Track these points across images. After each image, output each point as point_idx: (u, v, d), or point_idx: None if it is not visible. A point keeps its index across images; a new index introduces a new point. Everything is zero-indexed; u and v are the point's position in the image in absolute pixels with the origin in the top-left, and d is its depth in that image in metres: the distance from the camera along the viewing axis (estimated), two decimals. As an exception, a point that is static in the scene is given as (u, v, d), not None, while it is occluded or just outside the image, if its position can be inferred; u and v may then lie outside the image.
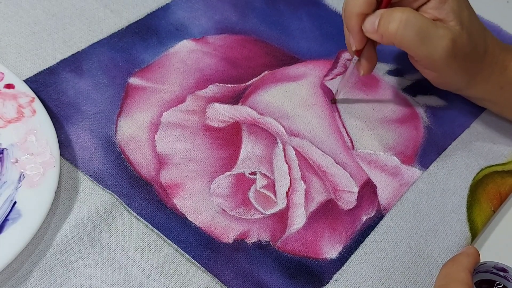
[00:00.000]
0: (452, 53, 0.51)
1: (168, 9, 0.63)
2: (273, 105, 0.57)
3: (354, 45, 0.53)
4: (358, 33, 0.52)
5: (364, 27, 0.51)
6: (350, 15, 0.51)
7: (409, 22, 0.49)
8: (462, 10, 0.52)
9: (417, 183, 0.54)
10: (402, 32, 0.49)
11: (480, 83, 0.55)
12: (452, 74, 0.53)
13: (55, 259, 0.45)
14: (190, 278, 0.46)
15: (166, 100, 0.56)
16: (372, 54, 0.54)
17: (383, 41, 0.51)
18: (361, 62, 0.54)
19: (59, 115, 0.53)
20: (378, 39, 0.51)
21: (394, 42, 0.50)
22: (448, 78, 0.54)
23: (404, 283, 0.48)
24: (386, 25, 0.50)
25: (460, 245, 0.51)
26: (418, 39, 0.50)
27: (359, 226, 0.51)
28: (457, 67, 0.52)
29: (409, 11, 0.49)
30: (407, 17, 0.49)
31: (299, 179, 0.52)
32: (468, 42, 0.51)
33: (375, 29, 0.50)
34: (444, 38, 0.50)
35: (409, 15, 0.49)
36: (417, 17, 0.49)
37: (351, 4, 0.51)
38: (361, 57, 0.54)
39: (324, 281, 0.47)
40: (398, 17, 0.49)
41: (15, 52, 0.57)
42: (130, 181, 0.50)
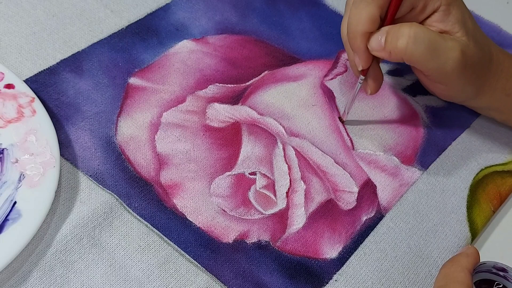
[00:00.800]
0: (462, 64, 0.50)
1: (168, 9, 0.63)
2: (273, 105, 0.57)
3: (360, 65, 0.52)
4: (364, 53, 0.51)
5: (370, 46, 0.50)
6: (354, 35, 0.50)
7: (418, 37, 0.48)
8: (466, 21, 0.52)
9: (417, 183, 0.54)
10: (412, 47, 0.48)
11: (487, 92, 0.55)
12: (462, 85, 0.53)
13: (55, 259, 0.45)
14: (190, 278, 0.46)
15: (166, 100, 0.56)
16: (378, 72, 0.53)
17: (392, 58, 0.50)
18: (368, 82, 0.53)
19: (59, 115, 0.53)
20: (385, 56, 0.50)
21: (404, 58, 0.49)
22: (458, 90, 0.54)
23: (404, 284, 0.48)
24: (394, 41, 0.49)
25: (460, 245, 0.51)
26: (428, 53, 0.49)
27: (359, 226, 0.51)
28: (467, 78, 0.52)
29: (416, 26, 0.49)
30: (415, 32, 0.48)
31: (299, 179, 0.52)
32: (475, 52, 0.51)
33: (382, 46, 0.49)
34: (454, 50, 0.50)
35: (417, 30, 0.48)
36: (425, 32, 0.49)
37: (354, 23, 0.50)
38: (367, 76, 0.53)
39: (324, 281, 0.47)
40: (406, 32, 0.48)
41: (15, 52, 0.57)
42: (130, 181, 0.50)
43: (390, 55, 0.49)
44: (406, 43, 0.48)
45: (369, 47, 0.50)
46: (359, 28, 0.49)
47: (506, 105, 0.56)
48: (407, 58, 0.49)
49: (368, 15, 0.49)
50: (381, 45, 0.49)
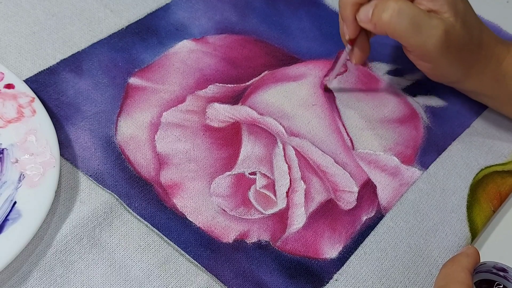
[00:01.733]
0: (445, 43, 0.51)
1: (168, 9, 0.63)
2: (273, 105, 0.57)
3: (347, 34, 0.54)
4: (352, 23, 0.53)
5: (358, 17, 0.52)
6: (345, 5, 0.52)
7: (402, 12, 0.50)
8: (457, 3, 0.52)
9: (417, 183, 0.54)
10: (395, 21, 0.50)
11: (475, 75, 0.55)
12: (447, 65, 0.53)
13: (55, 259, 0.45)
14: (190, 278, 0.46)
15: (166, 100, 0.56)
16: (365, 44, 0.55)
17: (376, 30, 0.51)
18: (354, 51, 0.55)
19: (59, 115, 0.53)
20: (371, 28, 0.52)
21: (387, 31, 0.51)
22: (443, 69, 0.54)
23: (404, 283, 0.48)
24: (380, 14, 0.50)
25: (460, 245, 0.51)
26: (411, 28, 0.50)
27: (359, 226, 0.51)
28: (451, 58, 0.53)
29: (402, 1, 0.50)
30: (400, 7, 0.50)
31: (299, 179, 0.52)
32: (462, 34, 0.52)
33: (369, 18, 0.51)
34: (436, 28, 0.50)
35: (402, 4, 0.50)
36: (410, 7, 0.50)
37: None
38: (354, 46, 0.55)
39: (324, 281, 0.47)
40: (392, 6, 0.50)
41: (15, 52, 0.57)
42: (130, 181, 0.50)
43: (375, 27, 0.51)
44: (390, 16, 0.50)
45: (357, 18, 0.52)
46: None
47: (495, 91, 0.56)
48: (390, 31, 0.51)
49: None
50: (368, 17, 0.51)
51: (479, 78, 0.55)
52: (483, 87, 0.56)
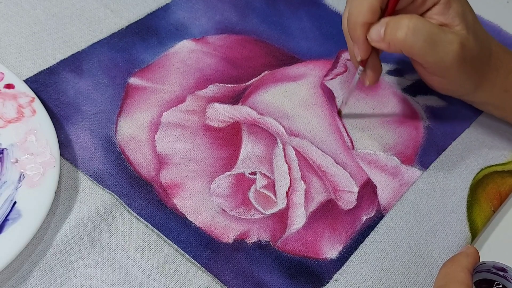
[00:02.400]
0: (461, 57, 0.50)
1: (168, 9, 0.63)
2: (273, 105, 0.57)
3: (359, 56, 0.52)
4: (363, 43, 0.51)
5: (369, 37, 0.50)
6: (354, 25, 0.50)
7: (417, 29, 0.48)
8: (467, 14, 0.52)
9: (417, 183, 0.54)
10: (411, 39, 0.48)
11: (486, 86, 0.54)
12: (461, 79, 0.53)
13: (55, 259, 0.45)
14: (190, 278, 0.46)
15: (166, 100, 0.56)
16: (377, 63, 0.53)
17: (391, 49, 0.50)
18: (367, 73, 0.53)
19: (59, 115, 0.53)
20: (385, 47, 0.50)
21: (403, 49, 0.50)
22: (457, 83, 0.54)
23: (404, 283, 0.48)
24: (394, 33, 0.49)
25: (460, 245, 0.51)
26: (427, 45, 0.49)
27: (359, 226, 0.51)
28: (466, 71, 0.52)
29: (416, 18, 0.49)
30: (414, 24, 0.48)
31: (299, 179, 0.52)
32: (475, 46, 0.51)
33: (382, 37, 0.49)
34: (453, 43, 0.50)
35: (417, 22, 0.49)
36: (424, 24, 0.49)
37: (355, 14, 0.50)
38: (366, 67, 0.53)
39: (324, 281, 0.47)
40: (406, 24, 0.48)
41: (15, 52, 0.57)
42: (130, 181, 0.50)
43: (389, 46, 0.50)
44: (405, 34, 0.48)
45: (369, 38, 0.50)
46: (360, 19, 0.50)
47: (504, 101, 0.56)
48: (406, 49, 0.49)
49: (369, 6, 0.49)
50: (381, 36, 0.49)
51: (489, 89, 0.55)
52: (492, 98, 0.56)
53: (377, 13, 0.50)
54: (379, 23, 0.50)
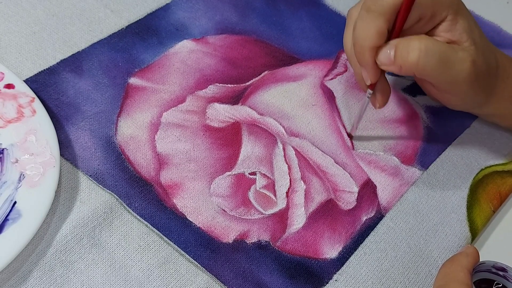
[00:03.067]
0: (473, 74, 0.49)
1: (168, 9, 0.63)
2: (273, 105, 0.57)
3: (368, 80, 0.50)
4: (372, 67, 0.49)
5: (379, 60, 0.49)
6: (362, 50, 0.49)
7: (429, 50, 0.47)
8: (473, 29, 0.51)
9: (417, 183, 0.54)
10: (423, 61, 0.47)
11: (495, 100, 0.54)
12: (472, 94, 0.52)
13: (55, 259, 0.45)
14: (190, 278, 0.46)
15: (166, 100, 0.56)
16: (386, 85, 0.52)
17: (402, 72, 0.48)
18: (376, 96, 0.52)
19: (59, 115, 0.53)
20: (396, 70, 0.49)
21: (415, 72, 0.48)
22: (468, 99, 0.53)
23: (404, 283, 0.48)
24: (405, 56, 0.47)
25: (460, 245, 0.51)
26: (440, 66, 0.48)
27: (359, 226, 0.51)
28: (477, 86, 0.51)
29: (426, 39, 0.48)
30: (426, 45, 0.47)
31: (299, 179, 0.52)
32: (484, 61, 0.51)
33: (392, 60, 0.48)
34: (465, 61, 0.49)
35: (427, 42, 0.47)
36: (435, 44, 0.48)
37: (362, 38, 0.48)
38: (375, 90, 0.52)
39: (324, 281, 0.47)
40: (417, 46, 0.47)
41: (15, 52, 0.57)
42: (130, 181, 0.50)
43: (400, 69, 0.48)
44: (418, 57, 0.47)
45: (378, 62, 0.49)
46: (367, 43, 0.48)
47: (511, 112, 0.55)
48: (418, 72, 0.48)
49: (376, 29, 0.48)
50: (391, 59, 0.48)
51: (497, 100, 0.54)
52: (500, 109, 0.55)
53: (385, 36, 0.48)
54: (388, 46, 0.48)
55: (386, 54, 0.48)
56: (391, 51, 0.48)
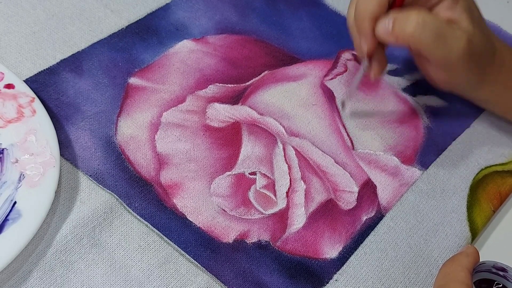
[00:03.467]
0: (468, 52, 0.50)
1: (168, 9, 0.63)
2: (273, 105, 0.57)
3: (365, 48, 0.52)
4: (370, 36, 0.51)
5: (377, 30, 0.50)
6: (362, 18, 0.50)
7: (426, 24, 0.49)
8: (473, 10, 0.52)
9: (417, 183, 0.54)
10: (419, 33, 0.49)
11: (488, 83, 0.55)
12: (465, 74, 0.53)
13: (55, 259, 0.45)
14: (190, 278, 0.46)
15: (166, 100, 0.56)
16: (383, 56, 0.54)
17: (398, 42, 0.50)
18: (372, 66, 0.53)
19: (59, 115, 0.53)
20: (392, 41, 0.50)
21: (411, 43, 0.50)
22: (461, 78, 0.53)
23: (404, 283, 0.48)
24: (402, 27, 0.49)
25: (460, 245, 0.51)
26: (435, 40, 0.49)
27: (359, 226, 0.51)
28: (471, 67, 0.52)
29: (424, 13, 0.49)
30: (423, 19, 0.49)
31: (299, 179, 0.52)
32: (480, 42, 0.52)
33: (390, 31, 0.49)
34: (461, 39, 0.50)
35: (425, 16, 0.49)
36: (433, 19, 0.49)
37: (363, 7, 0.50)
38: (372, 60, 0.53)
39: (324, 281, 0.47)
40: (415, 19, 0.49)
41: (15, 52, 0.57)
42: (130, 181, 0.50)
43: (397, 39, 0.50)
44: (414, 29, 0.49)
45: (376, 32, 0.50)
46: (368, 12, 0.50)
47: (505, 99, 0.56)
48: (413, 43, 0.49)
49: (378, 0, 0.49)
50: (388, 30, 0.49)
51: (491, 85, 0.55)
52: (493, 94, 0.56)
53: (386, 6, 0.50)
54: (387, 17, 0.50)
55: (385, 24, 0.50)
56: (390, 22, 0.49)
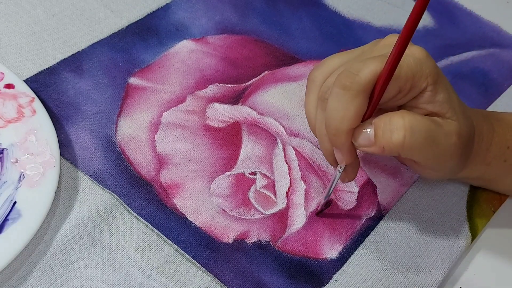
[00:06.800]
0: (460, 147, 0.45)
1: (168, 9, 0.63)
2: (273, 105, 0.57)
3: (343, 162, 0.45)
4: (349, 149, 0.44)
5: (357, 142, 0.43)
6: (338, 133, 0.43)
7: (414, 128, 0.42)
8: (452, 98, 0.45)
9: (417, 183, 0.54)
10: (409, 141, 0.42)
11: (470, 165, 0.49)
12: (455, 167, 0.47)
13: (55, 259, 0.45)
14: (190, 278, 0.46)
15: (166, 100, 0.56)
16: (357, 160, 0.47)
17: (385, 153, 0.43)
18: (347, 171, 0.47)
19: (59, 115, 0.53)
20: (377, 151, 0.43)
21: (401, 152, 0.43)
22: (449, 171, 0.48)
23: (404, 283, 0.48)
24: (388, 136, 0.42)
25: (460, 245, 0.51)
26: (427, 144, 0.43)
27: (359, 226, 0.51)
28: (462, 159, 0.47)
29: (409, 115, 0.42)
30: (411, 123, 0.42)
31: (299, 179, 0.52)
32: (466, 130, 0.46)
33: (372, 141, 0.43)
34: (451, 135, 0.44)
35: (411, 119, 0.42)
36: (419, 120, 0.43)
37: (338, 120, 0.42)
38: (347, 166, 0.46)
39: (324, 281, 0.47)
40: (401, 124, 0.42)
41: (15, 52, 0.57)
42: (130, 181, 0.50)
43: (383, 150, 0.43)
44: (403, 136, 0.42)
45: (356, 144, 0.44)
46: (345, 126, 0.42)
47: (486, 173, 0.51)
48: (404, 152, 0.43)
49: (355, 110, 0.42)
50: (371, 141, 0.43)
51: (472, 166, 0.49)
52: (473, 172, 0.51)
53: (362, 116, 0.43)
54: (366, 125, 0.43)
55: (366, 135, 0.43)
56: (370, 131, 0.43)
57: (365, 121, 0.43)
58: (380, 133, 0.43)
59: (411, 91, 0.44)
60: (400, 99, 0.44)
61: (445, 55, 0.65)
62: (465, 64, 0.65)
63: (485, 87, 0.63)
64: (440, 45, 0.66)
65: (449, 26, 0.68)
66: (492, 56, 0.66)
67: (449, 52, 0.65)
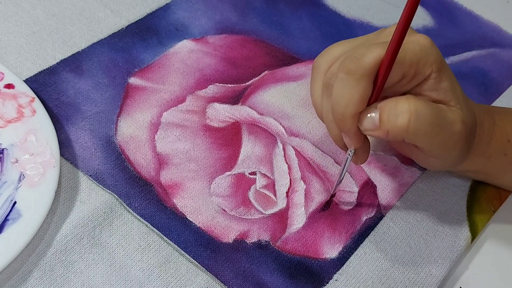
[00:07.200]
0: (465, 135, 0.45)
1: (168, 9, 0.63)
2: (273, 105, 0.57)
3: (352, 146, 0.46)
4: (356, 134, 0.44)
5: (362, 126, 0.44)
6: (343, 117, 0.43)
7: (420, 113, 0.42)
8: (456, 87, 0.45)
9: (417, 183, 0.54)
10: (415, 125, 0.42)
11: (470, 158, 0.49)
12: (458, 156, 0.47)
13: (55, 259, 0.45)
14: (190, 278, 0.46)
15: (166, 100, 0.56)
16: (367, 142, 0.47)
17: (389, 137, 0.43)
18: (359, 154, 0.47)
19: (59, 115, 0.53)
20: (382, 135, 0.43)
21: (405, 137, 0.43)
22: (452, 161, 0.48)
23: (404, 283, 0.48)
24: (393, 120, 0.42)
25: (460, 245, 0.51)
26: (432, 129, 0.43)
27: (359, 226, 0.51)
28: (464, 148, 0.47)
29: (414, 100, 0.42)
30: (416, 108, 0.42)
31: (299, 179, 0.52)
32: (470, 119, 0.46)
33: (377, 125, 0.43)
34: (456, 122, 0.44)
35: (417, 104, 0.42)
36: (425, 105, 0.42)
37: (343, 104, 0.43)
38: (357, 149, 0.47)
39: (324, 281, 0.47)
40: (406, 108, 0.42)
41: (15, 52, 0.57)
42: (130, 181, 0.50)
43: (387, 134, 0.43)
44: (408, 120, 0.42)
45: (361, 128, 0.44)
46: (350, 110, 0.43)
47: (486, 167, 0.51)
48: (409, 136, 0.43)
49: (360, 94, 0.42)
50: (376, 124, 0.43)
51: (472, 159, 0.49)
52: (475, 165, 0.51)
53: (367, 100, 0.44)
54: (369, 109, 0.43)
55: (371, 119, 0.43)
56: (376, 115, 0.43)
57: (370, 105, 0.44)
58: (385, 117, 0.43)
59: (415, 77, 0.44)
60: (405, 85, 0.45)
61: (445, 55, 0.65)
62: (465, 64, 0.65)
63: (485, 87, 0.63)
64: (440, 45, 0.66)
65: (449, 26, 0.68)
66: (492, 56, 0.66)
67: (449, 52, 0.65)
